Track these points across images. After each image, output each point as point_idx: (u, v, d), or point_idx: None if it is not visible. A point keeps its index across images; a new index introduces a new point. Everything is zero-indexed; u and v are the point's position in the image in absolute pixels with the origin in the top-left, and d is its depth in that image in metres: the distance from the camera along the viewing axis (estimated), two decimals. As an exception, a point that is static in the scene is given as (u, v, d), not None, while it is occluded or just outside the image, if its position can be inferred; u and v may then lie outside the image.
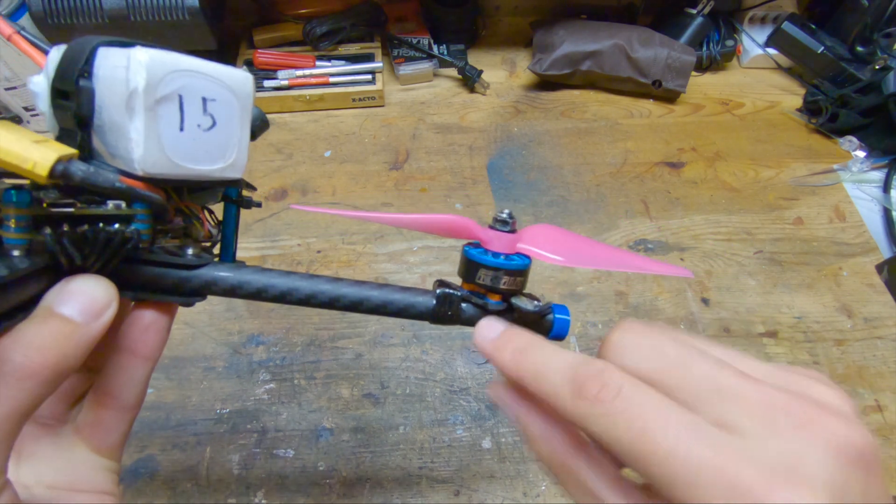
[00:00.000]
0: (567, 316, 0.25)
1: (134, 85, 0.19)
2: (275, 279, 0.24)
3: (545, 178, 0.63)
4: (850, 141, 0.66)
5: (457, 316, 0.25)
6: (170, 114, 0.20)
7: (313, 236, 0.56)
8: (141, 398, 0.23)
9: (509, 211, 0.25)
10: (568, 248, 0.25)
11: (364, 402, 0.46)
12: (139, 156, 0.19)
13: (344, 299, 0.25)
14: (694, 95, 0.72)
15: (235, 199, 0.26)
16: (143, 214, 0.21)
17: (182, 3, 0.58)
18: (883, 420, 0.46)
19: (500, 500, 0.42)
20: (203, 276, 0.23)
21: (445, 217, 0.24)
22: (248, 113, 0.23)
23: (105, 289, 0.20)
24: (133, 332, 0.22)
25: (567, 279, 0.54)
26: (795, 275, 0.55)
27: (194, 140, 0.21)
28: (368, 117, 0.68)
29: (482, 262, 0.24)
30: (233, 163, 0.23)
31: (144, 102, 0.19)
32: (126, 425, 0.23)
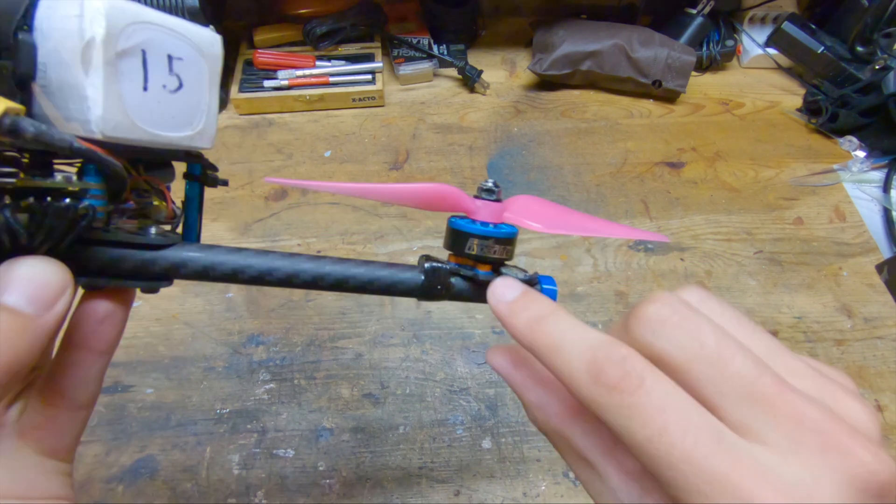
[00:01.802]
0: (554, 286, 0.24)
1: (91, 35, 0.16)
2: (251, 259, 0.22)
3: (545, 178, 0.63)
4: (850, 141, 0.66)
5: (447, 290, 0.24)
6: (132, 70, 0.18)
7: (313, 236, 0.56)
8: (95, 396, 0.22)
9: (494, 180, 0.24)
10: (551, 217, 0.24)
11: (364, 402, 0.46)
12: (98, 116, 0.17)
13: (328, 278, 0.23)
14: (694, 95, 0.72)
15: (199, 175, 0.24)
16: (98, 189, 0.18)
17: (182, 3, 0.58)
18: (883, 420, 0.46)
19: (500, 500, 0.42)
20: (169, 258, 0.21)
21: (431, 186, 0.23)
22: (217, 77, 0.21)
23: (57, 273, 0.17)
24: (86, 324, 0.20)
25: (567, 279, 0.54)
26: (795, 275, 0.55)
27: (159, 102, 0.19)
28: (368, 117, 0.68)
29: (472, 231, 0.23)
30: (201, 130, 0.21)
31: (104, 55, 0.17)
32: (79, 425, 0.21)
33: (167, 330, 0.49)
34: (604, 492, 0.19)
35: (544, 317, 0.19)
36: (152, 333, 0.49)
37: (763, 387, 0.16)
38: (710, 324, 0.17)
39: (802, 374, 0.17)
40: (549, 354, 0.19)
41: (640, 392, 0.16)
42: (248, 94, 0.66)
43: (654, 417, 0.16)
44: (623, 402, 0.16)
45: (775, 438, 0.15)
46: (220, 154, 0.64)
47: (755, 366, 0.16)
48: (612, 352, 0.17)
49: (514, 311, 0.21)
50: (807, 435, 0.15)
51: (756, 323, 0.18)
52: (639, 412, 0.16)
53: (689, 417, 0.15)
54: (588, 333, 0.18)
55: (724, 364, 0.16)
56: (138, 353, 0.48)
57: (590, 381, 0.17)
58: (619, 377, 0.16)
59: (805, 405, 0.15)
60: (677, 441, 0.15)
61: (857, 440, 0.15)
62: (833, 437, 0.15)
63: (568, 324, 0.19)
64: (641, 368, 0.16)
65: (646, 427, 0.16)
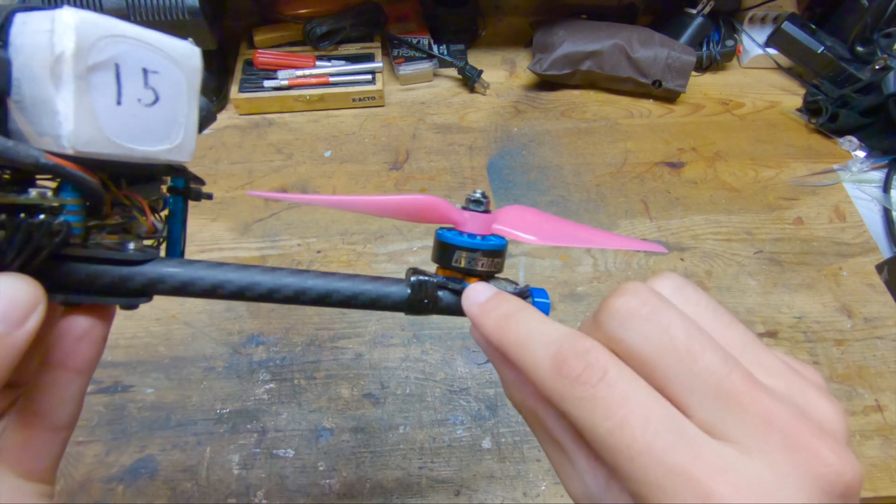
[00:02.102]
0: (547, 300, 0.24)
1: (60, 49, 0.16)
2: (230, 274, 0.21)
3: (545, 178, 0.63)
4: (850, 141, 0.66)
5: (434, 304, 0.23)
6: (105, 84, 0.18)
7: (313, 236, 0.56)
8: (76, 416, 0.21)
9: (482, 191, 0.24)
10: (541, 228, 0.23)
11: (364, 402, 0.46)
12: (69, 131, 0.17)
13: (310, 292, 0.22)
14: (694, 95, 0.72)
15: (182, 189, 0.24)
16: (74, 205, 0.18)
17: (182, 3, 0.58)
18: (883, 420, 0.46)
19: (500, 500, 0.42)
20: (147, 273, 0.20)
21: (417, 198, 0.22)
22: (196, 90, 0.21)
23: (28, 289, 0.17)
24: (65, 343, 0.20)
25: (567, 279, 0.54)
26: (795, 275, 0.55)
27: (134, 116, 0.19)
28: (368, 117, 0.68)
29: (458, 243, 0.23)
30: (179, 144, 0.21)
31: (74, 70, 0.16)
32: (59, 446, 0.21)
33: (167, 330, 0.49)
34: (572, 475, 0.19)
35: (513, 314, 0.20)
36: (152, 333, 0.49)
37: (731, 384, 0.15)
38: (681, 317, 0.17)
39: (774, 370, 0.17)
40: (516, 349, 0.18)
41: (602, 384, 0.16)
42: (248, 94, 0.66)
43: (616, 410, 0.15)
44: (584, 394, 0.16)
45: (741, 436, 0.15)
46: (220, 154, 0.64)
47: (724, 362, 0.16)
48: (575, 344, 0.17)
49: (484, 311, 0.21)
50: (773, 434, 0.15)
51: (732, 315, 0.18)
52: (600, 404, 0.16)
53: (650, 410, 0.15)
54: (555, 328, 0.18)
55: (692, 359, 0.16)
56: (138, 353, 0.48)
57: (553, 373, 0.17)
58: (582, 369, 0.16)
59: (773, 403, 0.15)
60: (638, 434, 0.15)
61: (824, 440, 0.15)
62: (800, 436, 0.15)
63: (536, 320, 0.19)
64: (605, 360, 0.16)
65: (607, 419, 0.15)
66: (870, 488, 0.43)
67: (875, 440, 0.45)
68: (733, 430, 0.15)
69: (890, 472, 0.44)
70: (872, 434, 0.46)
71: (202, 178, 0.25)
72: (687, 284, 0.19)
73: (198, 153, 0.63)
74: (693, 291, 0.18)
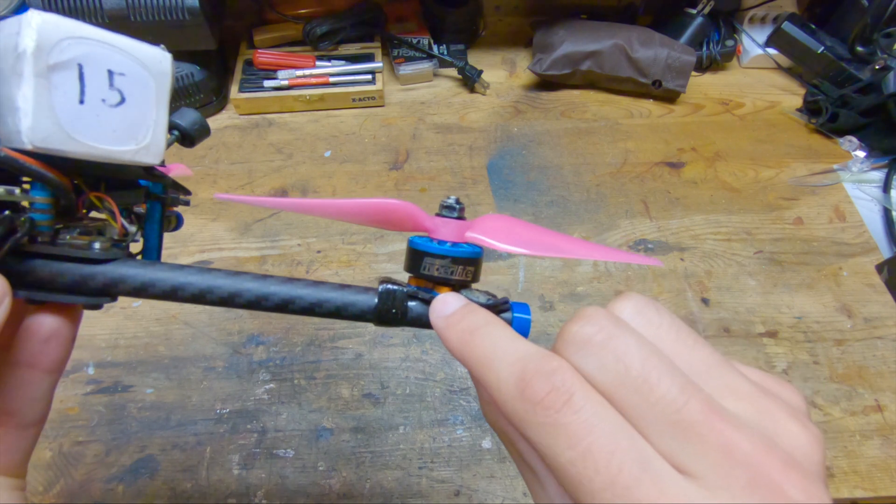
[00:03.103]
0: (527, 315, 0.22)
1: (22, 48, 0.17)
2: (191, 277, 0.21)
3: (545, 178, 0.63)
4: (850, 141, 0.66)
5: (402, 315, 0.22)
6: (66, 84, 0.18)
7: (313, 236, 0.56)
8: (45, 413, 0.21)
9: (456, 197, 0.23)
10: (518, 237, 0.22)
11: (364, 402, 0.46)
12: (27, 126, 0.17)
13: (271, 298, 0.22)
14: (694, 95, 0.72)
15: (160, 195, 0.24)
16: (43, 203, 0.19)
17: (182, 3, 0.58)
18: (883, 420, 0.46)
19: (500, 500, 0.42)
20: (108, 273, 0.21)
21: (381, 201, 0.21)
22: (167, 93, 0.22)
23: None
24: (32, 343, 0.20)
25: (567, 279, 0.54)
26: (795, 275, 0.55)
27: (98, 115, 0.19)
28: (368, 117, 0.68)
29: (427, 249, 0.22)
30: (147, 146, 0.21)
31: (34, 67, 0.17)
32: (30, 443, 0.21)
33: (167, 330, 0.49)
34: (543, 498, 0.18)
35: (478, 328, 0.18)
36: (152, 333, 0.49)
37: (689, 414, 0.15)
38: (638, 343, 0.16)
39: (741, 393, 0.16)
40: (479, 367, 0.17)
41: (567, 409, 0.15)
42: (248, 94, 0.66)
43: (580, 438, 0.14)
44: (548, 420, 0.15)
45: (703, 471, 0.14)
46: (220, 154, 0.64)
47: (682, 389, 0.15)
48: (541, 364, 0.16)
49: (449, 325, 0.19)
50: (735, 469, 0.14)
51: (697, 335, 0.17)
52: (563, 431, 0.15)
53: (617, 440, 0.14)
54: (521, 345, 0.17)
55: (649, 388, 0.15)
56: (138, 353, 0.48)
57: (516, 394, 0.16)
58: (546, 392, 0.15)
59: (735, 434, 0.14)
60: (601, 466, 0.14)
61: (789, 475, 0.14)
62: (763, 471, 0.14)
63: (502, 336, 0.18)
64: (570, 383, 0.15)
65: (570, 448, 0.14)
66: (870, 488, 0.43)
67: (875, 440, 0.45)
68: (694, 464, 0.14)
69: (890, 472, 0.44)
70: (872, 434, 0.46)
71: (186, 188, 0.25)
72: (649, 305, 0.18)
73: (198, 153, 0.63)
74: (655, 312, 0.17)
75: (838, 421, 0.46)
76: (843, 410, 0.47)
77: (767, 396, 0.16)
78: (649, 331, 0.17)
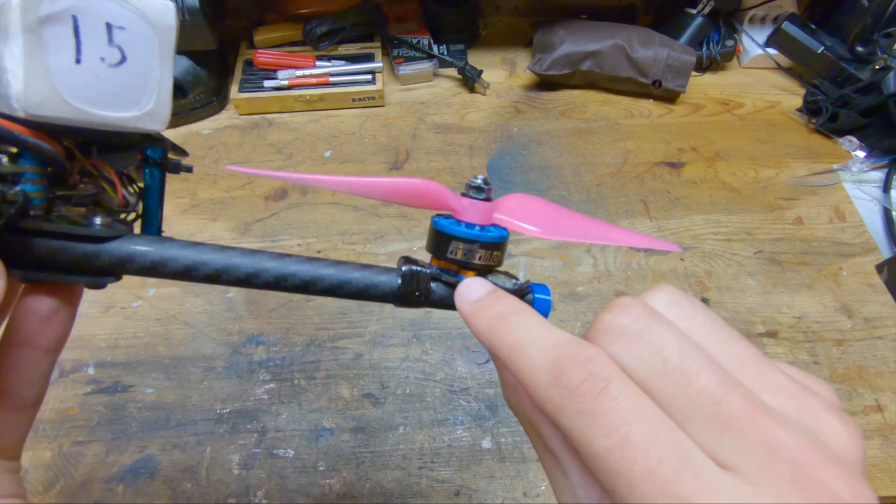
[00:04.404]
0: (548, 296, 0.22)
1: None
2: (207, 255, 0.20)
3: (545, 178, 0.63)
4: (850, 141, 0.66)
5: (426, 297, 0.22)
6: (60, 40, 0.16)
7: (313, 236, 0.56)
8: (42, 395, 0.21)
9: (484, 177, 0.22)
10: (549, 219, 0.21)
11: (364, 402, 0.46)
12: (18, 90, 0.15)
13: (293, 278, 0.21)
14: (694, 95, 0.72)
15: (159, 161, 0.22)
16: (34, 173, 0.17)
17: (182, 3, 0.58)
18: (883, 420, 0.46)
19: (500, 500, 0.42)
20: (115, 251, 0.19)
21: (414, 181, 0.21)
22: (171, 50, 0.19)
23: None
24: (30, 323, 0.19)
25: (567, 279, 0.54)
26: (795, 275, 0.55)
27: (97, 77, 0.17)
28: (368, 117, 0.68)
29: (454, 233, 0.21)
30: (150, 111, 0.19)
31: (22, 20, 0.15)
32: (26, 425, 0.21)
33: (167, 330, 0.49)
34: (564, 486, 0.18)
35: (508, 314, 0.18)
36: (152, 333, 0.49)
37: (730, 407, 0.14)
38: (675, 334, 0.16)
39: (780, 387, 0.16)
40: (510, 354, 0.17)
41: (604, 397, 0.14)
42: (248, 94, 0.66)
43: (617, 427, 0.14)
44: (584, 407, 0.15)
45: (746, 466, 0.14)
46: (220, 154, 0.64)
47: (722, 382, 0.15)
48: (577, 351, 0.15)
49: (477, 311, 0.19)
50: (779, 465, 0.14)
51: (732, 328, 0.17)
52: (601, 419, 0.14)
53: (655, 431, 0.14)
54: (554, 332, 0.17)
55: (687, 381, 0.15)
56: (138, 353, 0.48)
57: (550, 381, 0.15)
58: (582, 379, 0.15)
59: (778, 429, 0.14)
60: (640, 456, 0.14)
61: (835, 471, 0.14)
62: (807, 467, 0.14)
63: (533, 322, 0.17)
64: (609, 371, 0.15)
65: (606, 436, 0.14)
66: (870, 488, 0.43)
67: (875, 440, 0.45)
68: (736, 459, 0.14)
69: (890, 472, 0.44)
70: (872, 434, 0.46)
71: (184, 149, 0.23)
72: (682, 297, 0.17)
73: (198, 153, 0.63)
74: (689, 305, 0.17)
75: (838, 421, 0.46)
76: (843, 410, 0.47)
77: (806, 392, 0.16)
78: (684, 323, 0.16)
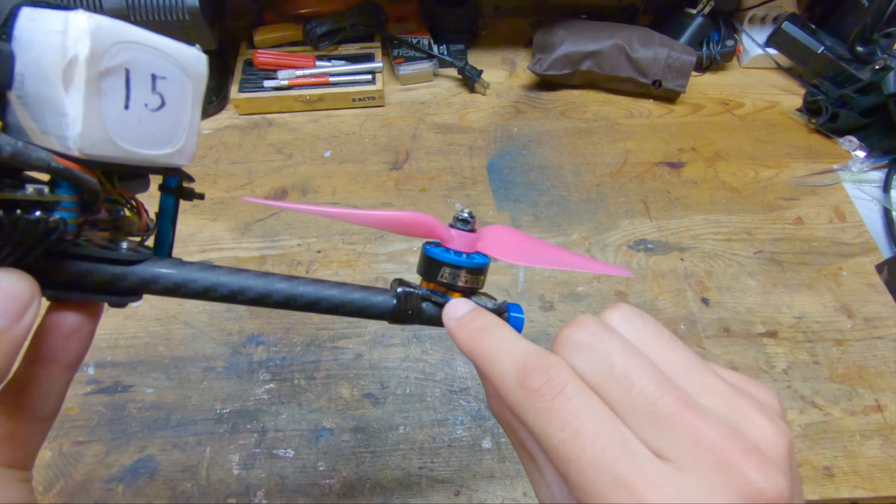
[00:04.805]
0: (521, 314, 0.26)
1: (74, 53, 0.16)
2: (223, 277, 0.22)
3: (545, 178, 0.63)
4: (850, 141, 0.66)
5: (417, 315, 0.25)
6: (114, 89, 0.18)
7: (313, 236, 0.56)
8: (58, 408, 0.21)
9: (469, 210, 0.25)
10: (520, 249, 0.25)
11: (364, 402, 0.46)
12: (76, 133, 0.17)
13: (300, 299, 0.23)
14: (694, 95, 0.72)
15: (175, 188, 0.24)
16: (69, 202, 0.18)
17: (182, 3, 0.58)
18: (883, 420, 0.46)
19: (500, 500, 0.42)
20: (140, 274, 0.21)
21: (409, 214, 0.24)
22: (201, 96, 0.22)
23: (25, 284, 0.17)
24: (54, 338, 0.20)
25: (567, 279, 0.54)
26: (795, 275, 0.55)
27: (140, 121, 0.19)
28: (368, 117, 0.68)
29: (445, 260, 0.24)
30: (181, 149, 0.21)
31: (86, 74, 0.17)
32: (41, 436, 0.21)
33: (167, 330, 0.49)
34: (541, 485, 0.20)
35: (486, 328, 0.21)
36: (152, 333, 0.49)
37: (665, 406, 0.17)
38: (622, 345, 0.18)
39: (715, 390, 0.18)
40: (486, 362, 0.20)
41: (560, 397, 0.17)
42: (248, 94, 0.66)
43: (569, 422, 0.17)
44: (542, 406, 0.17)
45: (676, 455, 0.16)
46: (220, 154, 0.64)
47: (658, 385, 0.17)
48: (540, 359, 0.18)
49: (460, 326, 0.22)
50: (703, 453, 0.16)
51: (679, 340, 0.20)
52: (556, 416, 0.17)
53: (601, 425, 0.17)
54: (523, 344, 0.20)
55: (629, 384, 0.17)
56: (138, 353, 0.48)
57: (517, 384, 0.18)
58: (542, 382, 0.18)
59: (703, 424, 0.16)
60: (587, 445, 0.16)
61: (750, 459, 0.16)
62: (726, 455, 0.16)
63: (507, 335, 0.20)
64: (565, 376, 0.18)
65: (561, 430, 0.17)
66: (870, 488, 0.43)
67: (875, 440, 0.45)
68: (669, 449, 0.16)
69: (890, 472, 0.44)
70: (872, 434, 0.46)
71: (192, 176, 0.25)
72: (635, 313, 0.20)
73: (198, 153, 0.63)
74: (640, 320, 0.20)
75: (838, 421, 0.46)
76: (843, 410, 0.47)
77: (740, 394, 0.18)
78: (634, 336, 0.19)
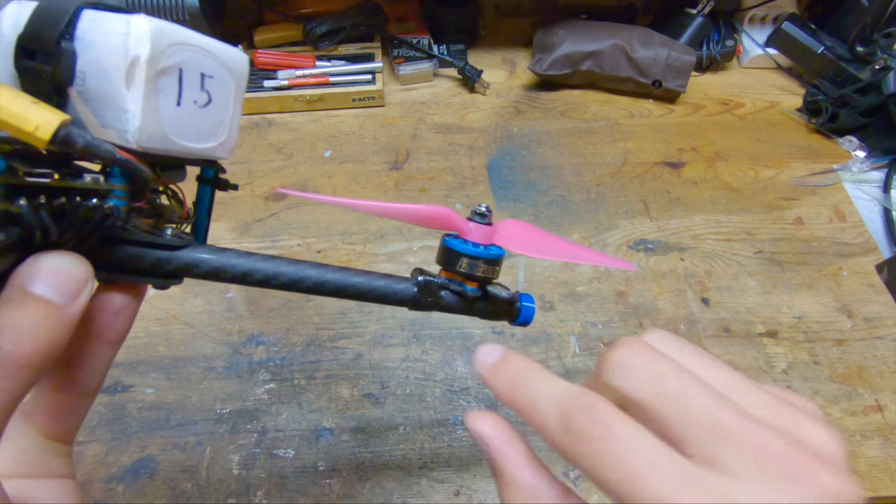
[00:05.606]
0: (532, 304, 0.27)
1: (135, 54, 0.18)
2: (259, 263, 0.24)
3: (545, 178, 0.63)
4: (850, 141, 0.66)
5: (436, 303, 0.26)
6: (169, 87, 0.20)
7: (313, 236, 0.56)
8: (101, 383, 0.23)
9: (486, 205, 0.27)
10: (534, 242, 0.27)
11: (364, 402, 0.46)
12: (135, 127, 0.19)
13: (329, 285, 0.25)
14: (694, 95, 0.72)
15: (211, 179, 0.26)
16: (121, 191, 0.20)
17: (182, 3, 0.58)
18: (883, 420, 0.46)
19: (499, 501, 0.42)
20: (183, 258, 0.22)
21: (430, 207, 0.25)
22: (242, 93, 0.23)
23: (80, 266, 0.18)
24: (103, 316, 0.21)
25: (567, 279, 0.54)
26: (795, 275, 0.55)
27: (189, 116, 0.21)
28: (368, 117, 0.68)
29: (463, 251, 0.25)
30: (223, 142, 0.23)
31: (146, 73, 0.18)
32: (84, 410, 0.23)
33: (167, 330, 0.49)
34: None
35: (520, 374, 0.21)
36: (152, 333, 0.49)
37: (724, 419, 0.17)
38: (671, 363, 0.18)
39: (763, 403, 0.18)
40: (527, 411, 0.20)
41: (608, 438, 0.17)
42: (248, 94, 0.66)
43: (623, 460, 0.16)
44: (592, 449, 0.17)
45: (741, 468, 0.16)
46: (220, 154, 0.64)
47: (714, 400, 0.17)
48: (579, 402, 0.18)
49: (494, 374, 0.22)
50: (770, 462, 0.16)
51: (714, 357, 0.20)
52: (608, 458, 0.17)
53: (656, 458, 0.16)
54: (559, 386, 0.19)
55: (685, 400, 0.17)
56: (138, 353, 0.48)
57: (562, 431, 0.18)
58: (587, 425, 0.17)
59: (765, 433, 0.16)
60: (643, 482, 0.16)
61: (820, 465, 0.16)
62: (795, 462, 0.16)
63: (541, 378, 0.20)
64: (609, 416, 0.17)
65: (616, 470, 0.16)
66: (870, 488, 0.43)
67: (875, 440, 0.45)
68: (732, 463, 0.16)
69: (890, 472, 0.44)
70: (872, 434, 0.46)
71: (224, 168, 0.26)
72: (670, 335, 0.21)
73: (198, 153, 0.63)
74: (677, 341, 0.20)
75: (838, 421, 0.46)
76: (843, 410, 0.47)
77: (787, 405, 0.18)
78: (675, 356, 0.19)
